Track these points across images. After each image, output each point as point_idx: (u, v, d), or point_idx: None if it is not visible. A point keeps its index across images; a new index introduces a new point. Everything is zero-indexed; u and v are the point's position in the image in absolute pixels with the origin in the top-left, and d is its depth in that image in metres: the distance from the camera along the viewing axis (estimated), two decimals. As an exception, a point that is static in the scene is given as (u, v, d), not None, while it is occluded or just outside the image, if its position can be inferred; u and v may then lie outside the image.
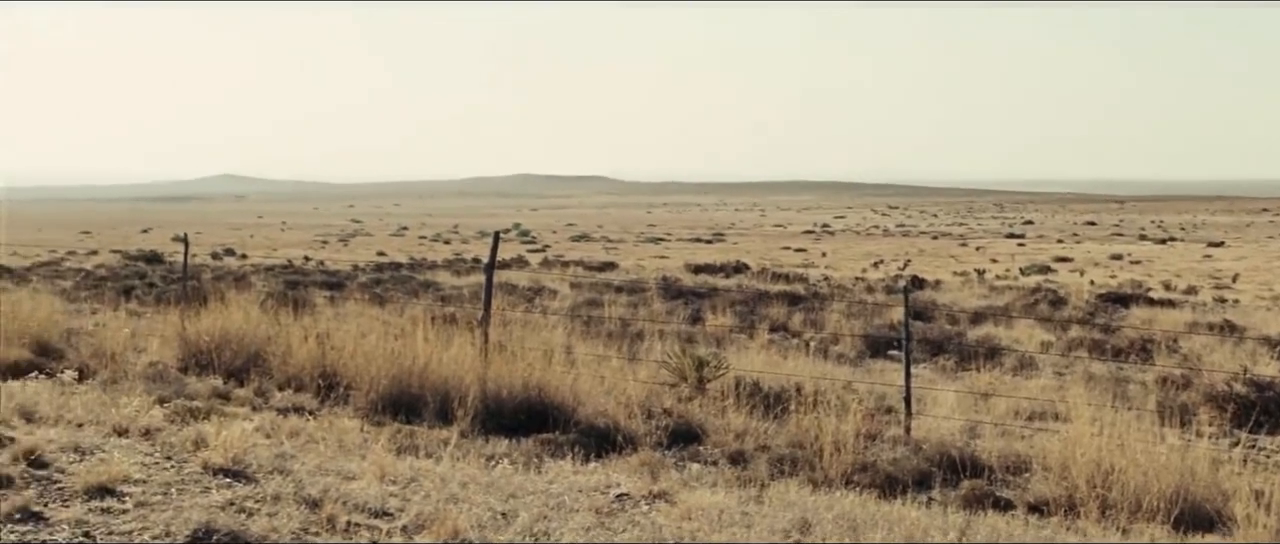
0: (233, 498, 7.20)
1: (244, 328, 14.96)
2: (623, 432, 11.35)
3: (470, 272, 41.80)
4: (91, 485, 7.20)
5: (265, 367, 14.16)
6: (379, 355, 13.03)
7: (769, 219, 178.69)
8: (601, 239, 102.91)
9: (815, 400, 11.81)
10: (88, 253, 60.72)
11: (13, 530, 6.41)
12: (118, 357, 14.72)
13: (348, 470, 8.32)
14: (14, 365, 13.97)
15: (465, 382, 12.35)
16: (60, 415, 9.92)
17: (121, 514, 6.80)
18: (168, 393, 12.60)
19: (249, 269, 42.09)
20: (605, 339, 18.39)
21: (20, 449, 7.93)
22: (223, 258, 56.29)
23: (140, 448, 8.66)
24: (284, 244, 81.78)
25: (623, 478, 9.06)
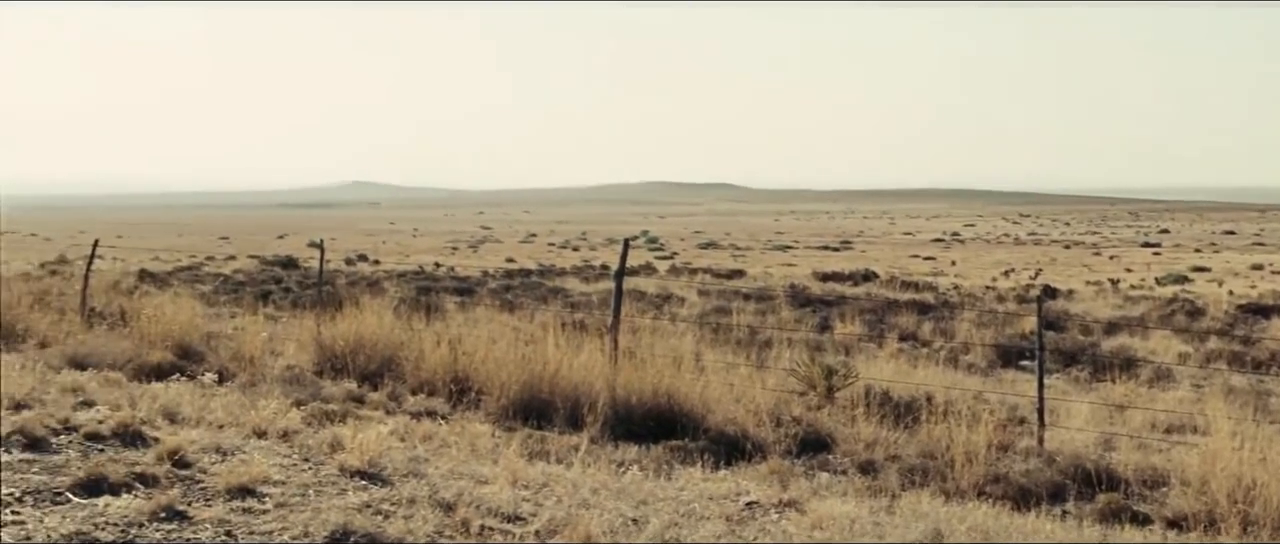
0: (369, 500, 7.32)
1: (378, 333, 15.16)
2: (752, 439, 11.33)
3: (598, 278, 41.99)
4: (233, 486, 7.36)
5: (398, 371, 14.35)
6: (510, 361, 13.15)
7: (898, 227, 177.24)
8: (729, 246, 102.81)
9: (946, 410, 11.71)
10: (226, 258, 62.00)
11: (158, 528, 6.58)
12: (256, 360, 15.01)
13: (480, 475, 8.41)
14: (157, 367, 14.31)
15: (595, 388, 12.41)
16: (202, 417, 10.15)
17: (262, 514, 6.95)
18: (304, 396, 12.83)
19: (382, 275, 42.75)
20: (733, 346, 18.39)
21: (164, 449, 8.14)
22: (356, 263, 57.14)
23: (279, 450, 8.83)
24: (415, 250, 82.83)
25: (752, 486, 9.06)
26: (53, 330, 16.38)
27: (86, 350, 14.83)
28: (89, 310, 18.11)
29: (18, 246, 71.17)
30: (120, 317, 17.26)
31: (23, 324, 16.56)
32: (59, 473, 7.54)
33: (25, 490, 7.13)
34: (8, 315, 16.79)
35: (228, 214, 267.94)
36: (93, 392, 11.19)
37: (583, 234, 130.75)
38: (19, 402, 9.70)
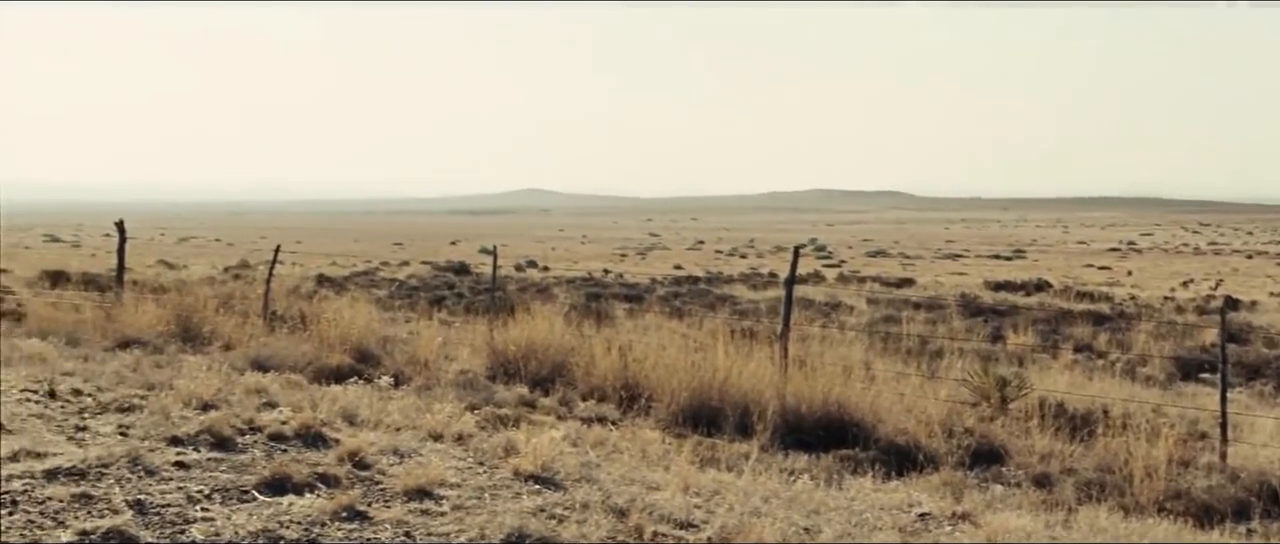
0: (543, 504, 7.41)
1: (549, 338, 15.33)
2: (923, 450, 11.23)
3: (766, 286, 41.92)
4: (411, 487, 7.52)
5: (569, 377, 14.50)
6: (679, 368, 13.20)
7: (1072, 235, 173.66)
8: (898, 255, 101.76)
9: (1123, 423, 11.47)
10: (400, 264, 63.20)
11: (340, 528, 6.75)
12: (430, 364, 15.29)
13: (652, 481, 8.47)
14: (335, 370, 14.65)
15: (764, 396, 12.41)
16: (379, 419, 10.36)
17: (439, 516, 7.08)
18: (477, 400, 13.03)
19: (551, 281, 43.17)
20: (903, 356, 18.23)
21: (345, 450, 8.35)
22: (526, 270, 57.81)
23: (454, 453, 8.98)
24: (584, 257, 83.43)
25: (924, 497, 8.97)
26: (237, 333, 16.86)
27: (269, 353, 15.24)
28: (271, 314, 18.60)
29: (202, 251, 73.43)
30: (300, 320, 17.70)
31: (209, 327, 17.08)
32: (245, 472, 7.77)
33: (214, 488, 7.37)
34: (195, 318, 17.34)
35: (402, 221, 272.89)
36: (275, 393, 11.49)
37: (750, 241, 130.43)
38: (206, 402, 10.01)
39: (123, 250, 20.84)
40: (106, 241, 77.36)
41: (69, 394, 10.34)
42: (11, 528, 6.37)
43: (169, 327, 17.11)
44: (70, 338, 16.19)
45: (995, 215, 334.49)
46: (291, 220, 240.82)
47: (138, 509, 6.80)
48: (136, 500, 6.95)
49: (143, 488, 7.26)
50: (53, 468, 7.51)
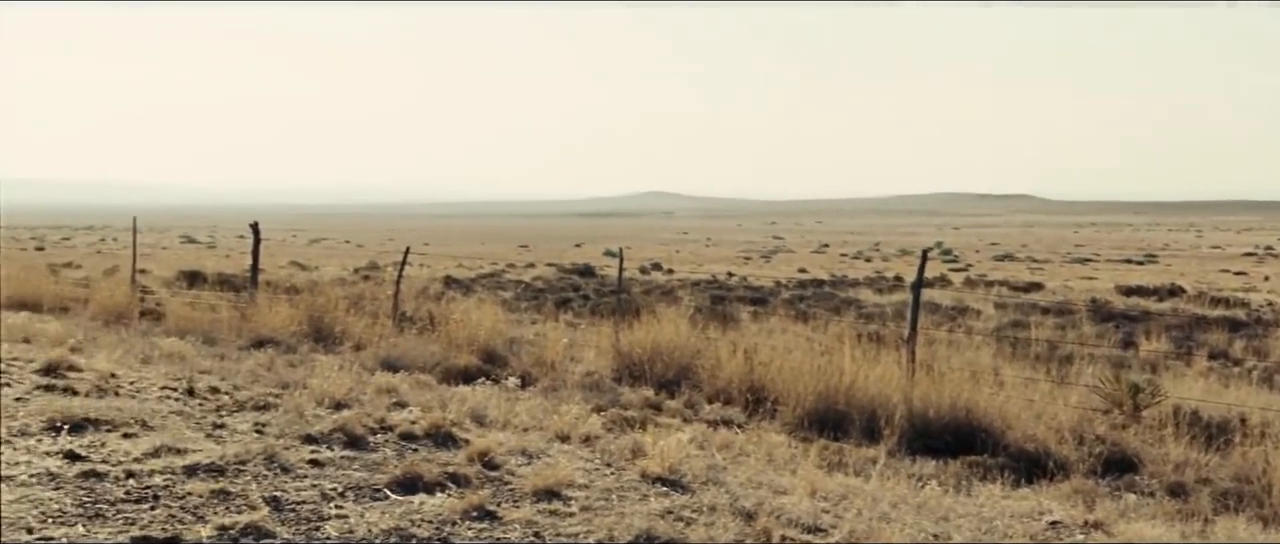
0: (670, 507, 7.43)
1: (674, 341, 15.35)
2: (1053, 457, 11.06)
3: (892, 290, 41.59)
4: (539, 488, 7.58)
5: (694, 379, 14.51)
6: (805, 372, 13.14)
7: (1205, 240, 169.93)
8: (1026, 259, 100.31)
9: (1262, 432, 11.20)
10: (526, 266, 63.66)
11: (470, 527, 6.83)
12: (556, 365, 15.39)
13: (778, 485, 8.46)
14: (463, 371, 14.82)
15: (891, 401, 12.32)
16: (507, 420, 10.47)
17: (568, 517, 7.13)
18: (603, 402, 13.10)
19: (676, 284, 43.22)
20: (1032, 361, 17.96)
21: (474, 450, 8.45)
22: (650, 272, 57.92)
23: (581, 454, 9.05)
24: (708, 259, 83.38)
25: (1055, 505, 8.85)
26: (367, 333, 17.12)
27: (398, 353, 15.45)
28: (400, 315, 18.85)
29: (333, 253, 74.61)
30: (429, 321, 17.91)
31: (340, 327, 17.37)
32: (377, 470, 7.90)
33: (347, 486, 7.50)
34: (326, 319, 17.64)
35: (527, 223, 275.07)
36: (405, 393, 11.66)
37: (875, 245, 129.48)
38: (339, 401, 10.19)
39: (257, 252, 21.25)
40: (240, 243, 79.02)
41: (207, 392, 10.59)
42: (153, 522, 6.54)
43: (301, 326, 17.43)
44: (207, 337, 16.58)
45: (1126, 219, 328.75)
46: (419, 223, 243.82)
47: (274, 506, 6.94)
48: (273, 497, 7.10)
49: (278, 485, 7.41)
50: (192, 464, 7.70)
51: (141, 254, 27.39)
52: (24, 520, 6.48)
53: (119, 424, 8.82)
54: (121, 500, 6.92)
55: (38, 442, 8.25)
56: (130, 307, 19.80)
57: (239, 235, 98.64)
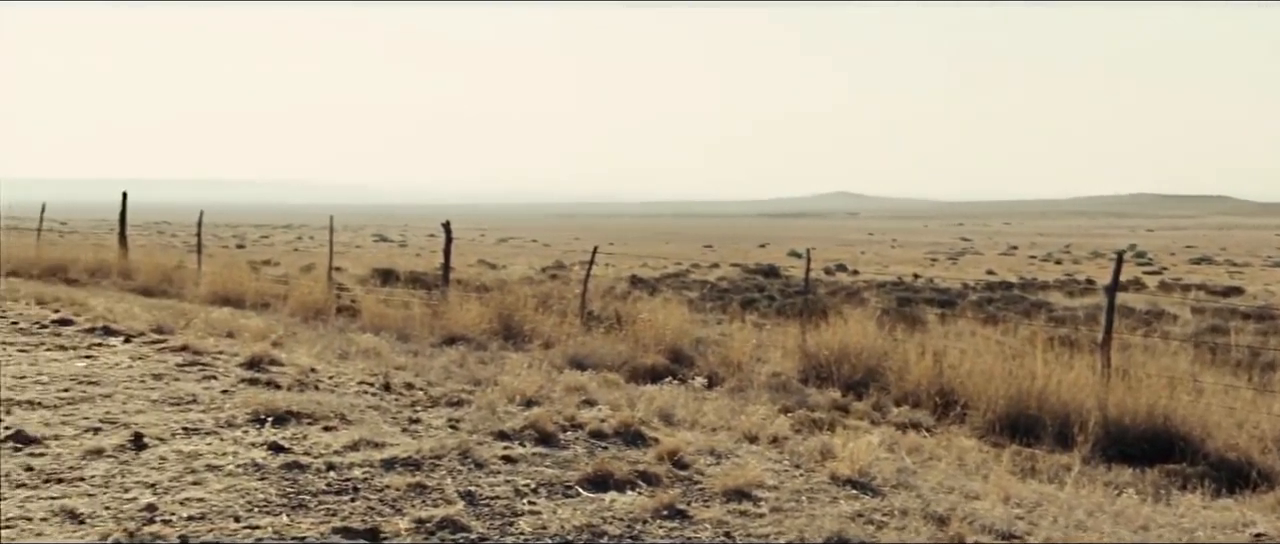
0: (861, 509, 7.38)
1: (862, 343, 15.24)
2: (1256, 467, 10.72)
3: (1083, 293, 40.67)
4: (729, 488, 7.59)
5: (882, 381, 14.38)
6: (996, 375, 12.94)
7: None
8: (1224, 262, 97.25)
9: None
10: (710, 266, 63.68)
11: (661, 526, 6.87)
12: (743, 366, 15.39)
13: (970, 490, 8.34)
14: (650, 370, 14.92)
15: (1085, 406, 12.06)
16: (695, 419, 10.51)
17: (758, 518, 7.13)
18: (790, 403, 13.07)
19: (861, 285, 42.86)
20: (1232, 368, 17.41)
21: (663, 449, 8.49)
22: (835, 273, 57.52)
23: (769, 455, 9.04)
24: (894, 261, 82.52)
25: (1258, 516, 8.57)
26: (555, 331, 17.32)
27: (586, 351, 15.61)
28: (587, 314, 19.02)
29: (520, 251, 75.61)
30: (616, 320, 18.04)
31: (529, 325, 17.59)
32: (568, 467, 7.99)
33: (539, 482, 7.60)
34: (516, 317, 17.89)
35: (712, 223, 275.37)
36: (593, 391, 11.77)
37: (1066, 247, 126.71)
38: (529, 398, 10.33)
39: (448, 250, 21.64)
40: (431, 242, 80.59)
41: (402, 387, 10.83)
42: (353, 514, 6.70)
43: (492, 324, 17.69)
44: (401, 333, 16.95)
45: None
46: (607, 222, 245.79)
47: (469, 500, 7.07)
48: (467, 491, 7.23)
49: (473, 480, 7.55)
50: (390, 458, 7.88)
51: (336, 252, 28.13)
52: (231, 509, 6.70)
53: (319, 418, 9.07)
54: (323, 492, 7.12)
55: (243, 433, 8.53)
56: (327, 303, 20.33)
57: (429, 234, 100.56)
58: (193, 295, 21.92)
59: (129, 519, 6.46)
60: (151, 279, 24.44)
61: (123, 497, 6.87)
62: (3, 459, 7.64)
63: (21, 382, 10.23)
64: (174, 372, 10.99)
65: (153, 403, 9.54)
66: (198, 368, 11.24)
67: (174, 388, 10.20)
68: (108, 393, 9.86)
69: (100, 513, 6.56)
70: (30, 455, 7.75)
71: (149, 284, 23.97)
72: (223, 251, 43.80)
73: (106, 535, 6.18)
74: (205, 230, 30.89)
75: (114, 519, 6.45)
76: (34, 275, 25.31)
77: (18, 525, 6.35)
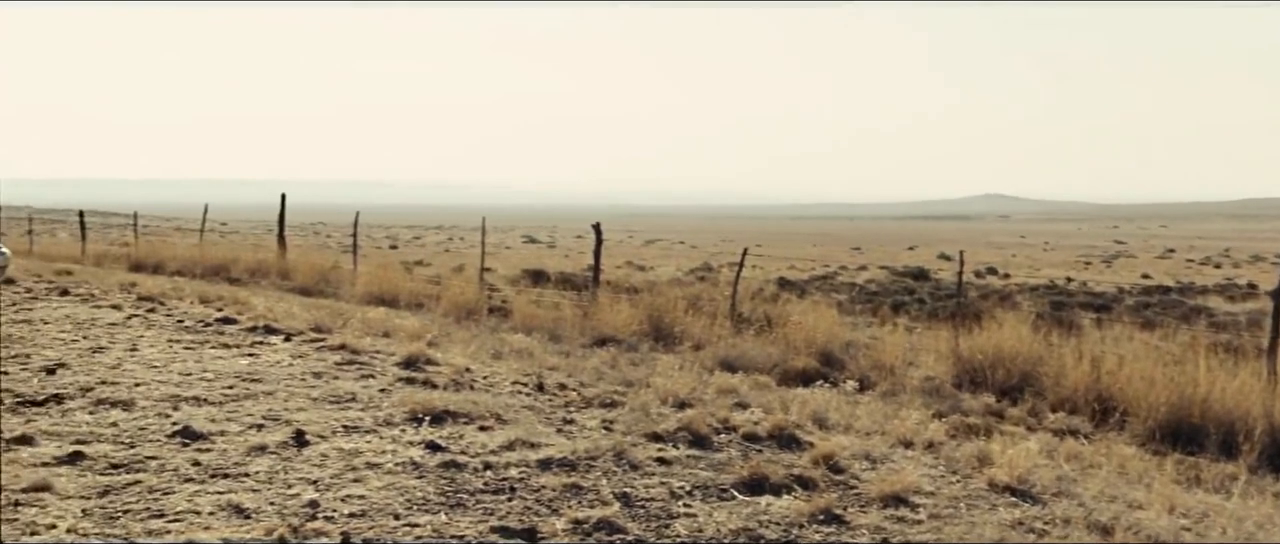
0: (1021, 517, 7.25)
1: (1016, 347, 14.98)
2: None
3: (1245, 297, 39.61)
4: (885, 493, 7.50)
5: (1037, 387, 14.12)
6: (1157, 382, 12.63)
7: None
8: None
9: None
10: (857, 268, 63.21)
11: (817, 530, 6.81)
12: (894, 370, 15.22)
13: (1133, 499, 8.14)
14: (801, 372, 14.82)
15: (1251, 415, 11.71)
16: (849, 423, 10.41)
17: (915, 524, 7.04)
18: (944, 408, 12.89)
19: (1013, 288, 42.21)
20: None
21: (818, 453, 8.43)
22: (984, 276, 56.72)
23: (924, 460, 8.92)
24: (1046, 264, 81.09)
25: None
26: (705, 334, 17.29)
27: (736, 354, 15.56)
28: (737, 316, 18.97)
29: (667, 253, 75.77)
30: (766, 323, 17.97)
31: (679, 327, 17.59)
32: (723, 470, 7.97)
33: (694, 485, 7.59)
34: (666, 318, 17.90)
35: (858, 225, 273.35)
36: (745, 394, 11.73)
37: (1225, 250, 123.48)
38: (682, 400, 10.33)
39: (598, 252, 21.74)
40: (578, 243, 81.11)
41: (555, 388, 10.90)
42: (510, 513, 6.76)
43: (642, 326, 17.72)
44: (552, 334, 17.05)
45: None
46: (752, 225, 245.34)
47: (624, 502, 7.09)
48: (622, 493, 7.26)
49: (628, 481, 7.57)
50: (545, 458, 7.94)
51: (485, 253, 28.41)
52: (391, 507, 6.80)
53: (475, 417, 9.17)
54: (480, 491, 7.19)
55: (401, 432, 8.66)
56: (479, 303, 20.53)
57: (577, 236, 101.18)
58: (349, 295, 22.30)
59: (293, 515, 6.59)
60: (309, 279, 24.93)
61: (286, 492, 7.02)
62: (172, 454, 7.85)
63: (188, 378, 10.51)
64: (333, 370, 11.20)
65: (313, 401, 9.73)
66: (356, 367, 11.44)
67: (333, 386, 10.39)
68: (270, 390, 10.09)
69: (265, 508, 6.71)
70: (197, 451, 7.96)
71: (307, 284, 24.46)
72: (376, 252, 44.51)
73: (271, 531, 6.31)
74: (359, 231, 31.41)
75: (278, 515, 6.59)
76: (197, 274, 26.03)
77: (186, 519, 6.51)
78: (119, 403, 9.44)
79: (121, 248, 37.76)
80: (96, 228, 43.31)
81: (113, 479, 7.25)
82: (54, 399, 9.59)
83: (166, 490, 7.04)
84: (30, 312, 15.13)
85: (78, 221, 41.26)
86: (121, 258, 31.11)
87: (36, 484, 7.00)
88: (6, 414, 9.02)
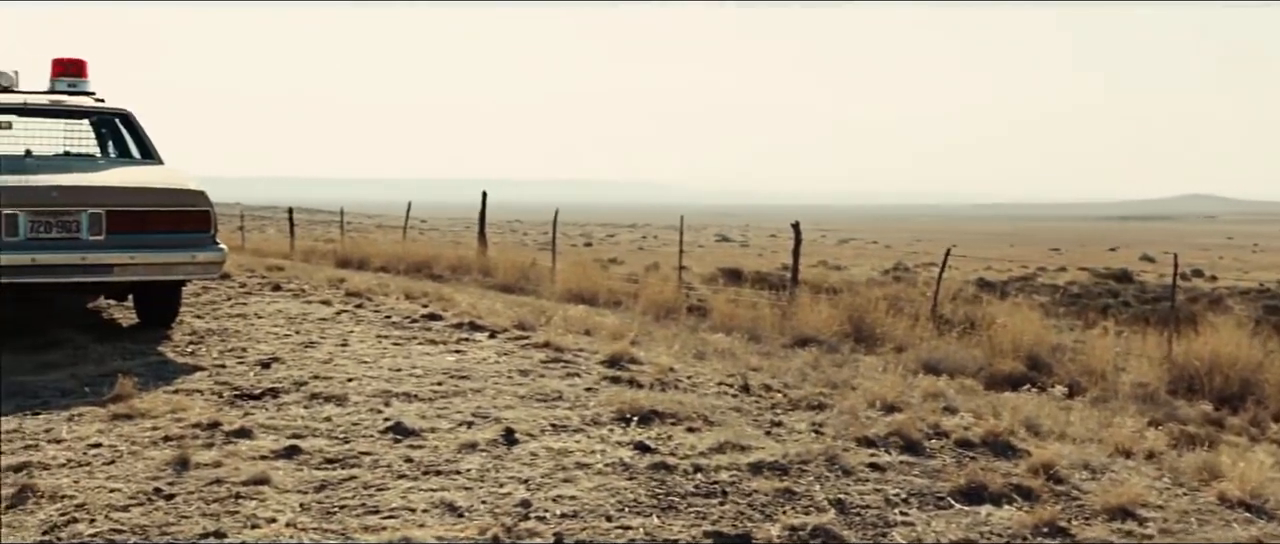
0: (1259, 535, 6.89)
1: (1234, 353, 14.49)
2: None
3: None
4: (1110, 506, 7.21)
5: (1258, 395, 13.63)
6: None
7: None
8: None
9: None
10: (1057, 270, 61.90)
11: (1041, 543, 6.59)
12: (1105, 375, 14.81)
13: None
14: (1007, 377, 14.50)
15: None
16: (1062, 431, 10.09)
17: (1145, 539, 6.75)
18: (1158, 416, 12.49)
19: (1222, 291, 40.90)
20: None
21: (1036, 462, 8.14)
22: (1190, 278, 55.05)
23: (1146, 471, 8.58)
24: (1255, 266, 78.38)
25: None
26: (907, 335, 17.04)
27: (940, 356, 15.30)
28: (938, 317, 18.68)
29: (861, 253, 75.21)
30: (969, 325, 17.66)
31: (880, 328, 17.37)
32: (937, 477, 7.76)
33: (909, 492, 7.40)
34: (866, 319, 17.69)
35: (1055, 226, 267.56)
36: (952, 397, 11.45)
37: None
38: (889, 403, 10.11)
39: (797, 251, 21.60)
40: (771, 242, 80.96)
41: (760, 389, 10.77)
42: (723, 518, 6.66)
43: (842, 326, 17.54)
44: (751, 334, 16.94)
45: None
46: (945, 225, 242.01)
47: (839, 508, 6.94)
48: (837, 499, 7.10)
49: (841, 487, 7.41)
50: (756, 461, 7.81)
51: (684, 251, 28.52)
52: (603, 508, 6.76)
53: (682, 418, 9.10)
54: (691, 494, 7.11)
55: (609, 431, 8.63)
56: (677, 302, 20.53)
57: (770, 235, 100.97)
58: (548, 292, 22.49)
59: (505, 514, 6.59)
60: (509, 276, 25.21)
61: (498, 491, 7.03)
62: (385, 450, 7.94)
63: (398, 374, 10.64)
64: (538, 368, 11.24)
65: (520, 398, 9.76)
66: (560, 365, 11.46)
67: (539, 384, 10.42)
68: (478, 388, 10.15)
69: (477, 507, 6.72)
70: (409, 447, 8.03)
71: (507, 281, 24.73)
72: (570, 250, 44.94)
73: (485, 530, 6.32)
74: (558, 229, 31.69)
75: (491, 514, 6.60)
76: (401, 271, 26.52)
77: (401, 515, 6.56)
78: (332, 398, 9.59)
79: (326, 244, 38.71)
80: (301, 224, 44.50)
81: (328, 474, 7.35)
82: (269, 393, 9.78)
83: (380, 486, 7.11)
84: (245, 306, 15.53)
85: (286, 218, 42.47)
86: (328, 254, 31.87)
87: (255, 477, 7.13)
88: (226, 407, 9.23)
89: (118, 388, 9.40)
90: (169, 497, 6.81)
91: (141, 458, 7.62)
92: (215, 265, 12.56)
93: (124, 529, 6.31)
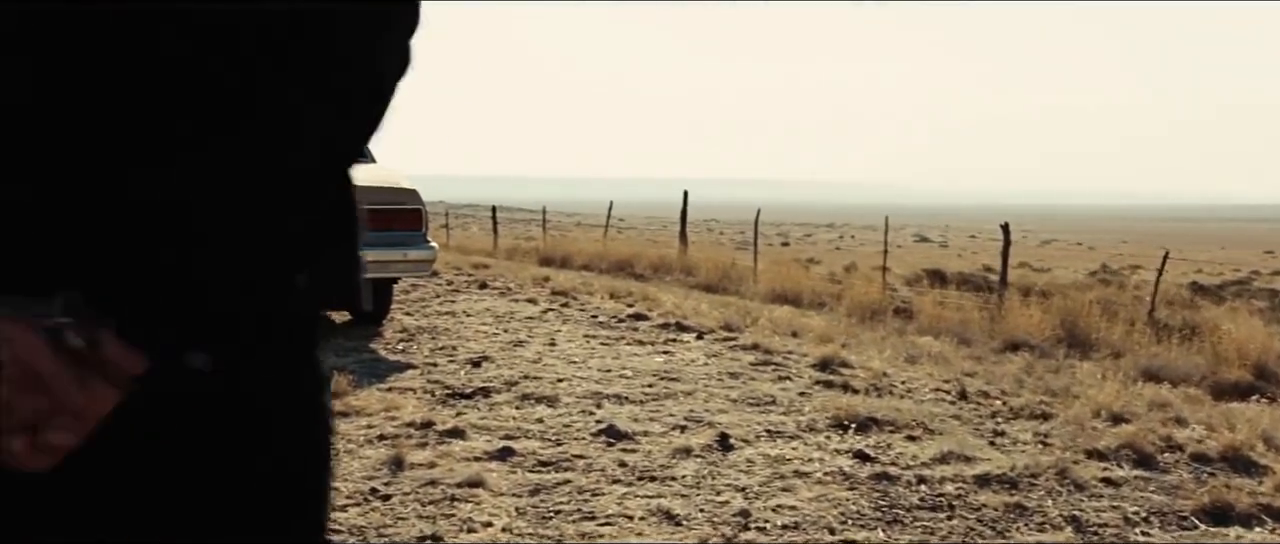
0: None
1: None
2: None
3: None
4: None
5: None
6: None
7: None
8: None
9: None
10: (1271, 273, 59.52)
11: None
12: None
13: None
14: (1234, 386, 13.85)
15: None
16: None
17: None
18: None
19: None
20: None
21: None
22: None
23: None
24: None
25: None
26: (1123, 340, 16.44)
27: (1159, 363, 14.68)
28: (1155, 322, 18.02)
29: (1064, 254, 73.34)
30: (1188, 330, 16.97)
31: (1095, 332, 16.78)
32: (1176, 495, 7.37)
33: (1149, 510, 7.02)
34: (1080, 323, 17.11)
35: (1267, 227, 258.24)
36: (1178, 408, 10.95)
37: None
38: (1116, 413, 9.70)
39: (1006, 253, 21.04)
40: (972, 243, 79.50)
41: (977, 396, 10.44)
42: (951, 534, 6.40)
43: (1054, 330, 16.98)
44: (959, 337, 16.51)
45: None
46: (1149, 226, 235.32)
47: (1075, 526, 6.61)
48: (1072, 516, 6.77)
49: (1074, 503, 7.07)
50: (982, 473, 7.52)
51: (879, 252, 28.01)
52: (825, 519, 6.55)
53: (901, 425, 8.84)
54: (916, 507, 6.85)
55: (826, 438, 8.41)
56: (882, 304, 20.15)
57: (970, 235, 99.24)
58: (750, 292, 22.29)
59: (723, 524, 6.42)
60: (711, 276, 25.09)
61: (715, 499, 6.87)
62: (598, 453, 7.84)
63: (607, 375, 10.57)
64: (748, 370, 11.07)
65: (732, 402, 9.60)
66: (771, 368, 11.28)
67: (751, 387, 10.25)
68: (688, 390, 10.02)
69: (695, 515, 6.57)
70: (623, 451, 7.92)
71: (709, 281, 24.60)
72: (768, 250, 44.62)
73: (704, 540, 6.17)
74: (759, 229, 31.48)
75: (710, 523, 6.43)
76: (602, 270, 26.60)
77: (618, 523, 6.43)
78: (543, 398, 9.55)
79: (527, 241, 39.10)
80: (503, 222, 45.05)
81: (542, 477, 7.27)
82: (481, 392, 9.79)
83: (595, 491, 7.00)
84: (453, 304, 15.68)
85: (489, 217, 43.00)
86: (530, 252, 32.18)
87: (470, 479, 7.08)
88: (438, 406, 9.25)
89: (333, 385, 9.49)
90: (385, 497, 6.80)
91: (357, 456, 7.64)
92: (426, 263, 12.65)
93: (342, 529, 6.30)
